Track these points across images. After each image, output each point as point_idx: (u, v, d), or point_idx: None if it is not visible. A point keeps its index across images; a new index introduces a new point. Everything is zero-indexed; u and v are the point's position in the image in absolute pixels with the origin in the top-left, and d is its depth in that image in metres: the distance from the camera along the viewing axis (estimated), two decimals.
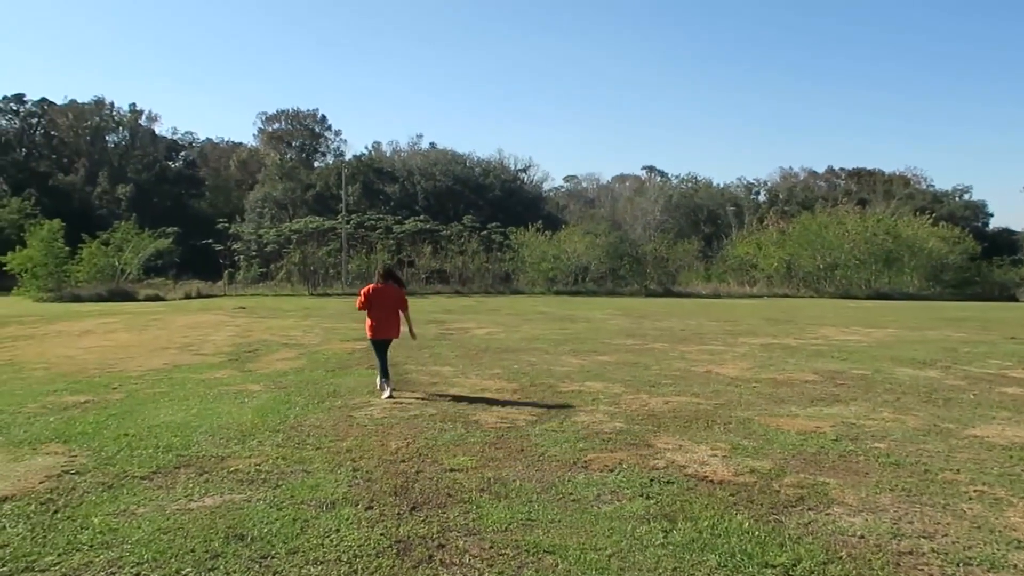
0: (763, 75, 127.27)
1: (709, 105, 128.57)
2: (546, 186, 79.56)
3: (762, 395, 8.57)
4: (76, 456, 5.69)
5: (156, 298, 33.21)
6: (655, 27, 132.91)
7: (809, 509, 4.55)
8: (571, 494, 4.82)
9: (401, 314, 8.81)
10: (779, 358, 12.05)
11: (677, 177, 78.21)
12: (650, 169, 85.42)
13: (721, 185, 75.57)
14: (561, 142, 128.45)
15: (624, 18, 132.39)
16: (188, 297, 34.60)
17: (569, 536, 4.06)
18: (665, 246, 45.95)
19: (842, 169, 78.34)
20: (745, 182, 76.28)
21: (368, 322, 8.62)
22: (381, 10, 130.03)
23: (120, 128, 72.48)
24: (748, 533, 4.12)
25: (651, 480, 5.14)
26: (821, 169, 79.76)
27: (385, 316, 8.62)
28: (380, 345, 8.58)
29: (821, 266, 45.12)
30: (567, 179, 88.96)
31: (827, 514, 4.46)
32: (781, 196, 71.48)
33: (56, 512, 4.41)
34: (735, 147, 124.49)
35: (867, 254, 44.60)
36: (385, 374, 8.48)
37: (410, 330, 9.05)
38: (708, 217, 67.64)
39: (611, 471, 5.36)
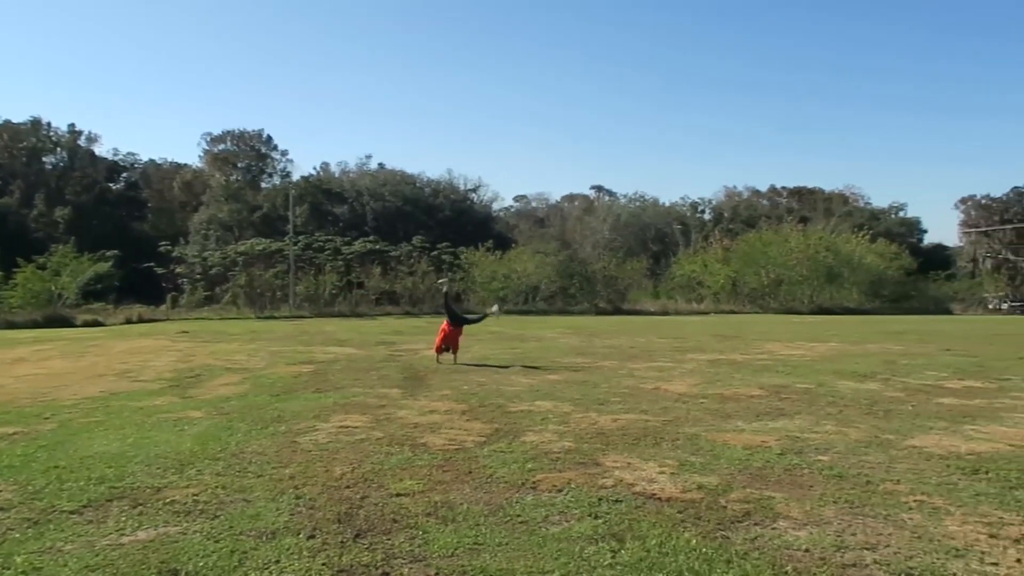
0: (705, 92, 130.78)
1: (654, 124, 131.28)
2: (496, 206, 79.68)
3: (709, 411, 8.64)
4: (1, 491, 5.40)
5: (95, 323, 32.05)
6: (600, 46, 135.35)
7: (755, 524, 4.57)
8: (519, 516, 4.75)
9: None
10: (726, 374, 12.20)
11: (625, 196, 79.39)
12: (599, 188, 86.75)
13: (668, 204, 76.99)
14: (511, 162, 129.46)
15: (568, 38, 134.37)
16: (129, 322, 33.44)
17: (516, 559, 3.99)
18: (614, 265, 46.22)
19: (784, 187, 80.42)
20: (690, 201, 77.82)
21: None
22: (326, 30, 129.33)
23: (58, 149, 70.06)
24: (696, 550, 4.11)
25: (599, 499, 5.10)
26: (764, 188, 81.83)
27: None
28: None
29: (766, 282, 46.02)
30: (517, 199, 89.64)
31: (773, 528, 4.49)
32: (726, 214, 73.07)
33: None
34: (681, 166, 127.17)
35: (809, 270, 45.77)
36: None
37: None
38: (656, 236, 68.68)
39: (560, 491, 5.30)
